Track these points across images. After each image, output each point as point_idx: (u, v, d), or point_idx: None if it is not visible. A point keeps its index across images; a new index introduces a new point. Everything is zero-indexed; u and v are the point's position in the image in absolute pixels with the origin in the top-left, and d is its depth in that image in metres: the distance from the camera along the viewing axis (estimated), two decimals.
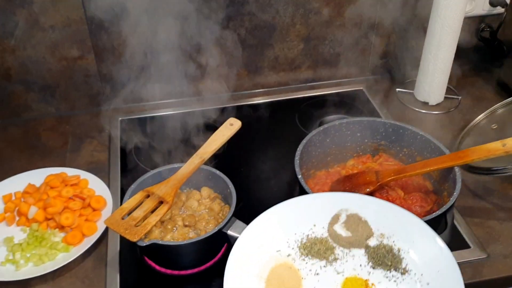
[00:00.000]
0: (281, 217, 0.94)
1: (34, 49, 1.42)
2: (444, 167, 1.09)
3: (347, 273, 0.87)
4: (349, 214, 0.95)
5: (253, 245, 0.90)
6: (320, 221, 0.95)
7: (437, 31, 1.42)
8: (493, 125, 1.40)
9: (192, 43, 1.49)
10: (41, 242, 1.12)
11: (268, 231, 0.92)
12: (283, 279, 0.86)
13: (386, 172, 1.15)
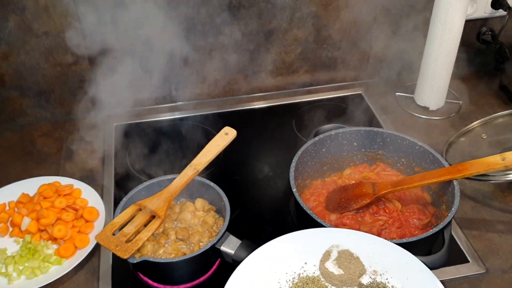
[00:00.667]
0: (272, 256, 0.92)
1: (28, 55, 1.41)
2: (442, 181, 1.07)
3: None
4: (341, 251, 0.93)
5: (243, 286, 0.87)
6: (311, 258, 0.92)
7: (437, 34, 1.39)
8: (483, 134, 1.38)
9: (188, 48, 1.47)
10: (34, 255, 1.11)
11: (258, 271, 0.90)
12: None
13: (383, 185, 1.13)
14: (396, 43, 1.59)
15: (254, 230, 1.18)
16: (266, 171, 1.34)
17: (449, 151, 1.34)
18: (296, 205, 1.08)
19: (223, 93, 1.60)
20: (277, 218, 1.21)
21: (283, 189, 1.29)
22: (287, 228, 1.16)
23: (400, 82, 1.64)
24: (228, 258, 1.00)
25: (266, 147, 1.43)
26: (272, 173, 1.33)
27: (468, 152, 1.35)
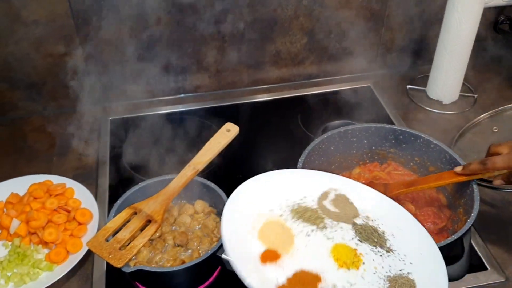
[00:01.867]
0: (274, 183, 0.95)
1: (17, 45, 1.33)
2: (460, 181, 1.00)
3: (337, 240, 0.86)
4: (338, 194, 0.96)
5: (246, 201, 0.90)
6: (310, 194, 0.95)
7: (453, 24, 1.31)
8: (494, 128, 1.30)
9: (188, 37, 1.39)
10: (23, 260, 1.04)
11: (261, 192, 0.92)
12: (275, 233, 0.86)
13: (395, 185, 1.06)
14: (407, 33, 1.51)
15: None
16: (271, 168, 1.25)
17: (457, 145, 1.27)
18: None
19: (225, 85, 1.52)
20: None
21: None
22: None
23: (411, 74, 1.56)
24: (230, 267, 0.93)
25: (271, 143, 1.35)
26: None
27: (477, 146, 1.28)
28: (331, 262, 0.81)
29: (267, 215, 0.89)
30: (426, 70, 1.49)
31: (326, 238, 0.85)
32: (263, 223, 0.87)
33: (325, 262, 0.81)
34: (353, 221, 0.90)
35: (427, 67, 1.47)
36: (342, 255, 0.83)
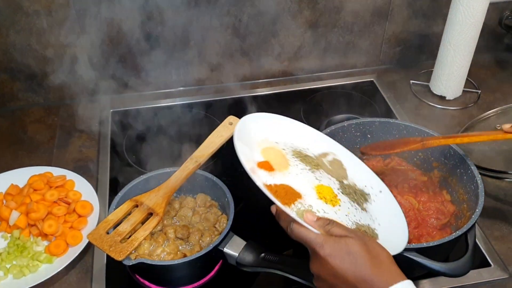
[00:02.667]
0: (286, 126, 0.98)
1: (18, 35, 1.32)
2: (506, 139, 0.98)
3: (323, 182, 0.91)
4: (335, 158, 1.00)
5: (260, 124, 0.94)
6: (312, 148, 0.99)
7: (458, 19, 1.30)
8: (497, 125, 1.29)
9: (190, 30, 1.38)
10: (23, 252, 1.04)
11: (273, 126, 0.96)
12: (275, 156, 0.91)
13: (433, 137, 1.05)
14: (412, 27, 1.49)
15: (259, 227, 1.09)
16: None
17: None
18: None
19: (226, 78, 1.50)
20: None
21: None
22: None
23: (415, 69, 1.55)
24: (232, 260, 0.93)
25: None
26: None
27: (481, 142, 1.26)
28: (313, 192, 0.87)
29: (272, 143, 0.94)
30: (430, 65, 1.48)
31: (315, 178, 0.91)
32: (267, 146, 0.92)
33: (308, 190, 0.86)
34: (341, 180, 0.95)
35: (431, 62, 1.46)
36: (324, 192, 0.88)
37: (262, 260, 0.89)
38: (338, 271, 0.72)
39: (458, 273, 0.86)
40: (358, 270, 0.71)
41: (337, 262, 0.72)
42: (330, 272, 0.72)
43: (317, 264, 0.74)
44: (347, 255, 0.72)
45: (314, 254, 0.74)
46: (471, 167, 1.00)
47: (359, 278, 0.70)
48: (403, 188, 1.10)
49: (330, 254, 0.72)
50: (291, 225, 0.78)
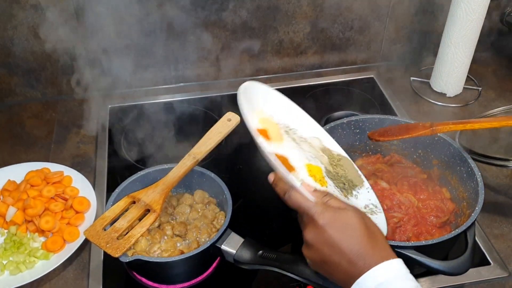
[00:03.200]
0: (279, 102, 0.97)
1: (16, 30, 1.31)
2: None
3: (312, 162, 0.92)
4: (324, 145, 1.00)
5: (259, 94, 0.94)
6: (302, 130, 0.98)
7: (459, 15, 1.29)
8: None
9: (189, 25, 1.37)
10: (19, 248, 1.03)
11: (268, 99, 0.95)
12: (271, 126, 0.91)
13: (443, 123, 1.04)
14: (412, 23, 1.48)
15: (257, 225, 1.09)
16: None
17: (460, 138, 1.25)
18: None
19: (226, 74, 1.50)
20: (282, 211, 1.11)
21: None
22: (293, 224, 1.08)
23: (415, 66, 1.54)
24: (229, 258, 0.92)
25: None
26: None
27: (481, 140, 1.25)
28: (304, 169, 0.87)
29: (267, 115, 0.93)
30: (430, 62, 1.47)
31: (305, 157, 0.91)
32: (264, 117, 0.92)
33: (300, 166, 0.87)
34: (326, 166, 0.95)
35: (432, 59, 1.45)
36: (313, 171, 0.89)
37: (260, 257, 0.89)
38: (335, 241, 0.71)
39: (457, 272, 0.86)
40: (355, 242, 0.71)
41: (334, 231, 0.71)
42: (326, 242, 0.72)
43: (312, 232, 0.73)
44: (345, 226, 0.72)
45: (311, 222, 0.74)
46: (471, 164, 1.00)
47: (354, 251, 0.70)
48: (403, 186, 1.09)
49: (328, 223, 0.72)
50: (290, 192, 0.77)
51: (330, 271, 0.73)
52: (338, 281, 0.73)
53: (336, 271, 0.72)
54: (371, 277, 0.68)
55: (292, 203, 0.77)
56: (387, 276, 0.68)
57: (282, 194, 0.79)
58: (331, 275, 0.74)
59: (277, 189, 0.80)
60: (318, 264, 0.75)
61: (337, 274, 0.72)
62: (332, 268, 0.72)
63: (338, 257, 0.71)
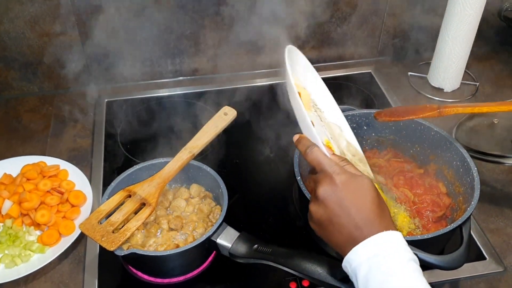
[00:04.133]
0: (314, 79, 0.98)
1: (12, 23, 1.30)
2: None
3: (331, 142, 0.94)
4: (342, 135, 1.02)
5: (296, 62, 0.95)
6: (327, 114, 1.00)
7: (457, 10, 1.28)
8: (495, 119, 1.28)
9: (187, 19, 1.37)
10: (15, 241, 1.03)
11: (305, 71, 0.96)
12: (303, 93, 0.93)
13: (451, 105, 1.04)
14: (410, 18, 1.48)
15: (253, 219, 1.09)
16: (268, 154, 1.25)
17: (457, 133, 1.25)
18: (300, 194, 0.99)
19: (223, 68, 1.49)
20: (278, 206, 1.13)
21: (286, 174, 1.20)
22: (289, 218, 1.09)
23: (413, 61, 1.54)
24: (225, 252, 0.92)
25: (269, 128, 1.33)
26: (274, 157, 1.24)
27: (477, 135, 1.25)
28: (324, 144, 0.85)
29: (302, 84, 0.95)
30: (428, 57, 1.47)
31: (325, 135, 0.94)
32: (298, 84, 0.93)
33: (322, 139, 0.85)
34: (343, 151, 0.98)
35: (429, 54, 1.45)
36: (332, 149, 0.89)
37: (255, 251, 0.89)
38: (347, 203, 0.72)
39: (453, 266, 0.85)
40: (365, 207, 0.72)
41: (348, 193, 0.72)
42: (338, 201, 0.72)
43: (327, 189, 0.73)
44: (358, 191, 0.73)
45: (327, 180, 0.74)
46: (468, 159, 0.99)
47: (363, 215, 0.71)
48: (399, 180, 1.09)
49: (344, 183, 0.73)
50: (312, 147, 0.78)
51: (331, 232, 0.73)
52: (337, 244, 0.73)
53: (338, 233, 0.72)
54: (371, 243, 0.69)
55: (313, 158, 0.78)
56: (388, 244, 0.69)
57: (303, 149, 0.80)
58: (331, 237, 0.74)
59: (299, 145, 0.82)
60: (322, 223, 0.75)
61: (338, 236, 0.73)
62: (335, 229, 0.73)
63: (345, 219, 0.72)
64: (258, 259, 0.88)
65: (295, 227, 1.08)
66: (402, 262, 0.68)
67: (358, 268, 0.68)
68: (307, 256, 0.86)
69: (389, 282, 0.66)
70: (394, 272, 0.67)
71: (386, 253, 0.68)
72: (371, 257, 0.68)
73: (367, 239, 0.69)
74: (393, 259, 0.67)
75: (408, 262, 0.68)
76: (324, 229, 0.75)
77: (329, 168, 0.75)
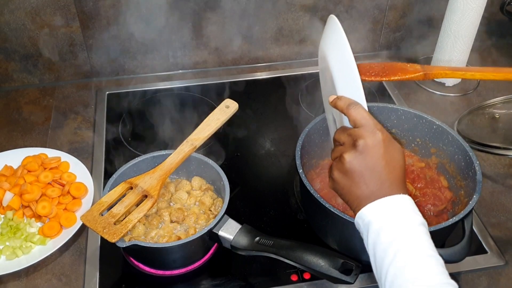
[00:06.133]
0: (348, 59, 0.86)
1: (13, 14, 1.30)
2: None
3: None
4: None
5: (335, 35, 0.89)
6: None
7: (459, 4, 1.28)
8: (496, 114, 1.28)
9: (188, 11, 1.36)
10: (16, 233, 1.03)
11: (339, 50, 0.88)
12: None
13: (439, 67, 0.99)
14: (412, 12, 1.47)
15: (255, 211, 1.09)
16: (269, 147, 1.25)
17: (458, 127, 1.25)
18: (302, 187, 0.99)
19: (224, 62, 1.49)
20: (280, 199, 1.12)
21: (287, 168, 1.20)
22: (291, 211, 1.09)
23: (414, 55, 1.53)
24: (226, 244, 0.92)
25: (270, 121, 1.33)
26: (276, 150, 1.24)
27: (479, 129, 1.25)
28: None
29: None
30: (429, 51, 1.46)
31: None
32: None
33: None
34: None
35: (431, 48, 1.44)
36: None
37: (257, 243, 0.89)
38: (384, 159, 0.75)
39: (454, 259, 0.86)
40: (396, 169, 0.76)
41: (387, 150, 0.76)
42: (376, 155, 0.75)
43: (369, 142, 0.75)
44: (396, 152, 0.77)
45: (370, 135, 0.76)
46: (470, 153, 0.99)
47: (392, 175, 0.75)
48: None
49: (385, 141, 0.76)
50: (357, 104, 0.79)
51: (357, 184, 0.76)
52: (357, 196, 0.76)
53: (364, 185, 0.75)
54: (389, 202, 0.73)
55: (357, 114, 0.78)
56: (404, 206, 0.74)
57: (345, 105, 0.80)
58: (355, 188, 0.76)
59: (339, 102, 0.82)
60: (353, 172, 0.76)
61: (363, 189, 0.75)
62: (363, 181, 0.75)
63: (376, 173, 0.75)
64: (259, 252, 0.88)
65: (296, 219, 1.07)
66: (413, 224, 0.72)
67: (371, 223, 0.73)
68: (309, 248, 0.86)
69: (399, 240, 0.70)
70: (405, 231, 0.71)
71: (401, 213, 0.72)
72: (386, 214, 0.72)
73: (387, 197, 0.73)
74: (406, 220, 0.72)
75: (419, 225, 0.72)
76: (351, 179, 0.77)
77: (374, 125, 0.77)
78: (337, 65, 0.85)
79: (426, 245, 0.70)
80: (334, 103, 0.83)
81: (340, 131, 0.82)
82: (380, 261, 0.70)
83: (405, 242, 0.70)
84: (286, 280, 0.95)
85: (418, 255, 0.69)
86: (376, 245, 0.71)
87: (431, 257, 0.69)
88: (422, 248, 0.70)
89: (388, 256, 0.69)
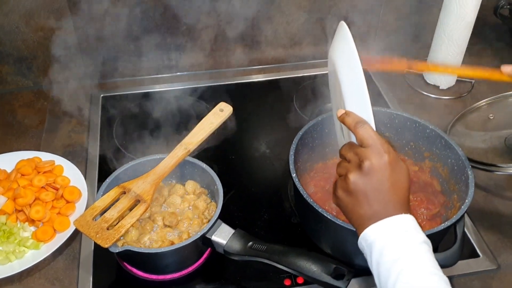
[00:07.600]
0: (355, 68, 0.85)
1: (7, 17, 1.29)
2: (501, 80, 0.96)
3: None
4: None
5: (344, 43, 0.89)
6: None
7: (453, 7, 1.28)
8: (490, 115, 1.29)
9: (182, 13, 1.36)
10: (9, 238, 1.02)
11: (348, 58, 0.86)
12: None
13: (423, 62, 1.03)
14: (406, 15, 1.48)
15: (248, 215, 1.09)
16: (264, 151, 1.25)
17: (453, 130, 1.26)
18: (295, 191, 0.99)
19: (219, 64, 1.49)
20: (273, 202, 1.13)
21: (281, 171, 1.20)
22: (285, 215, 1.09)
23: (409, 58, 1.52)
24: (220, 249, 0.92)
25: (264, 124, 1.33)
26: (270, 153, 1.24)
27: (473, 132, 1.26)
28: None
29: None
30: (424, 54, 1.47)
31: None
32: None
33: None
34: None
35: (425, 51, 1.44)
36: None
37: (250, 248, 0.89)
38: (389, 181, 0.76)
39: (447, 264, 0.86)
40: (400, 190, 0.77)
41: (393, 172, 0.76)
42: (381, 177, 0.76)
43: (375, 164, 0.76)
44: (401, 173, 0.78)
45: (376, 156, 0.76)
46: (462, 157, 1.00)
47: (397, 196, 0.76)
48: None
49: (392, 163, 0.77)
50: (365, 123, 0.80)
51: (361, 204, 0.77)
52: (360, 216, 0.77)
53: (368, 206, 0.76)
54: (392, 222, 0.74)
55: (364, 133, 0.79)
56: (406, 226, 0.75)
57: (353, 123, 0.81)
58: (358, 208, 0.77)
59: (348, 119, 0.82)
60: (357, 192, 0.77)
61: (366, 209, 0.76)
62: (367, 201, 0.76)
63: (380, 195, 0.76)
64: (252, 257, 0.88)
65: (290, 223, 1.08)
66: (416, 243, 0.72)
67: (374, 243, 0.73)
68: (302, 254, 0.86)
69: (402, 259, 0.70)
70: (408, 250, 0.71)
71: (403, 232, 0.73)
72: (389, 233, 0.73)
73: (390, 218, 0.74)
74: (409, 238, 0.73)
75: (422, 243, 0.73)
76: (355, 199, 0.77)
77: (381, 146, 0.77)
78: (346, 79, 0.84)
79: (429, 263, 0.71)
80: (342, 118, 0.83)
81: (347, 147, 0.82)
82: (385, 281, 0.71)
83: (408, 260, 0.70)
84: (279, 284, 0.95)
85: (421, 273, 0.70)
86: (380, 265, 0.72)
87: (434, 275, 0.70)
88: (425, 266, 0.70)
89: (392, 275, 0.70)
